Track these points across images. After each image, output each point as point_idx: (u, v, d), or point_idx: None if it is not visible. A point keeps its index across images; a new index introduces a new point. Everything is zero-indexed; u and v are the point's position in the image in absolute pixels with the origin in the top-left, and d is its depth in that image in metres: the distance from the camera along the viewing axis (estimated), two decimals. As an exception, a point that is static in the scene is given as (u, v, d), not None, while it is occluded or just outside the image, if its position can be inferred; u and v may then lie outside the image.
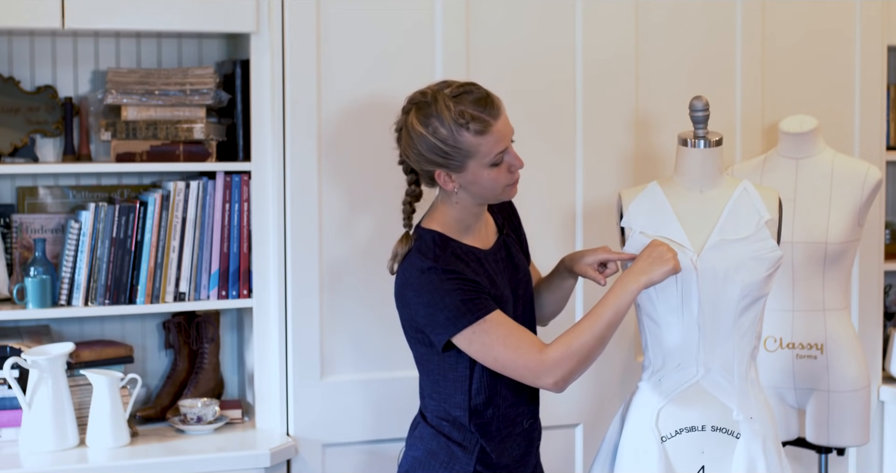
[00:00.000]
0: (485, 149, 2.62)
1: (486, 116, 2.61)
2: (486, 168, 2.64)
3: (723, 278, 2.78)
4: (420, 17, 3.33)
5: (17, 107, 3.34)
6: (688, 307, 2.79)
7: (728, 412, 2.80)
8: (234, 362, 3.60)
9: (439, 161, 2.64)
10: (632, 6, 3.49)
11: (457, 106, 2.61)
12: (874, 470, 3.82)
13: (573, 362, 2.62)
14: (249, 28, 3.24)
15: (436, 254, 2.67)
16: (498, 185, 2.67)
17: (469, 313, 2.61)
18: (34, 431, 3.12)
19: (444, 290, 2.62)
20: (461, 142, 2.61)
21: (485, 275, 2.70)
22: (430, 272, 2.64)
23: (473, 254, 2.72)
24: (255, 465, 3.15)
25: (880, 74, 3.77)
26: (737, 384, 2.81)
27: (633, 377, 3.53)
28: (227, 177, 3.31)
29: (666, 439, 2.81)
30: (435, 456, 2.76)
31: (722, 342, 2.81)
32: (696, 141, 2.87)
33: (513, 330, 2.63)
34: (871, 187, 3.43)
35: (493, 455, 2.74)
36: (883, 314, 3.85)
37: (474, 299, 2.62)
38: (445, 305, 2.62)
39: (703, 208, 2.87)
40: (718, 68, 3.59)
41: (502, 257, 2.79)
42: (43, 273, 3.20)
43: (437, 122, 2.62)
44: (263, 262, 3.30)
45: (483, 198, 2.71)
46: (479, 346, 2.63)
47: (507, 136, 2.66)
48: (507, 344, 2.62)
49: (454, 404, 2.74)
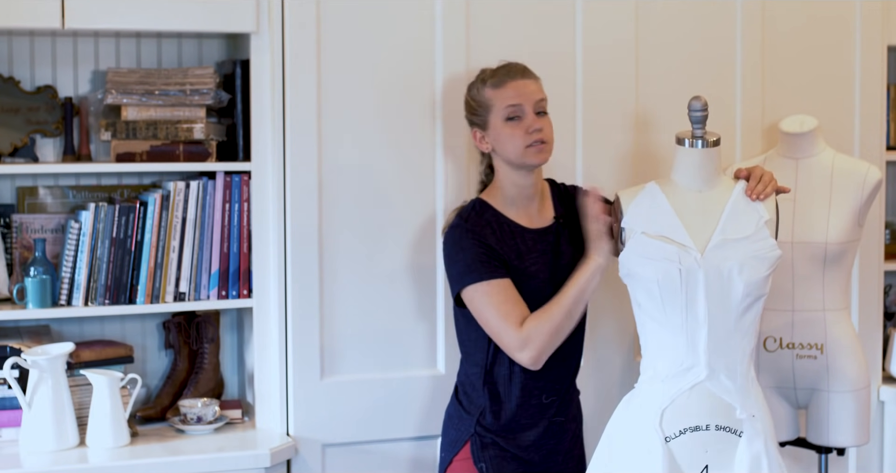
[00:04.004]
0: (498, 101, 2.92)
1: (504, 75, 2.94)
2: (504, 123, 2.91)
3: (727, 278, 2.78)
4: (420, 17, 3.33)
5: (17, 107, 3.34)
6: (692, 307, 2.79)
7: (732, 411, 2.80)
8: (234, 362, 3.60)
9: (472, 119, 2.98)
10: (632, 6, 3.49)
11: (492, 71, 2.97)
12: (874, 470, 3.82)
13: (544, 336, 2.83)
14: (249, 28, 3.24)
15: (469, 215, 2.95)
16: (516, 143, 2.90)
17: (476, 272, 2.86)
18: (34, 431, 3.12)
19: (460, 246, 2.90)
20: (482, 95, 2.95)
21: (513, 247, 2.92)
22: (455, 229, 2.94)
23: (509, 226, 2.96)
24: (255, 465, 3.15)
25: (880, 74, 3.77)
26: (739, 383, 2.81)
27: (633, 377, 3.53)
28: (227, 177, 3.31)
29: (670, 439, 2.81)
30: (451, 419, 3.05)
31: (726, 342, 2.81)
32: (695, 141, 2.88)
33: (508, 300, 2.85)
34: (871, 187, 3.43)
35: (491, 416, 2.93)
36: (883, 314, 3.84)
37: (485, 261, 2.86)
38: (458, 259, 2.90)
39: (703, 207, 2.87)
40: (718, 68, 3.59)
41: (548, 240, 2.98)
42: (43, 273, 3.20)
43: (472, 84, 3.00)
44: (263, 262, 3.30)
45: (509, 160, 2.94)
46: (476, 305, 2.88)
47: (525, 95, 2.92)
48: (499, 311, 2.84)
49: (473, 361, 2.98)
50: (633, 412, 2.87)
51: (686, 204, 2.88)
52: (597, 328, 3.31)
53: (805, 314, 3.44)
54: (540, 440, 2.98)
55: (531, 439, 2.97)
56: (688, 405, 2.81)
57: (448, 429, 3.04)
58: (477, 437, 2.95)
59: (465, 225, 2.92)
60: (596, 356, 3.47)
